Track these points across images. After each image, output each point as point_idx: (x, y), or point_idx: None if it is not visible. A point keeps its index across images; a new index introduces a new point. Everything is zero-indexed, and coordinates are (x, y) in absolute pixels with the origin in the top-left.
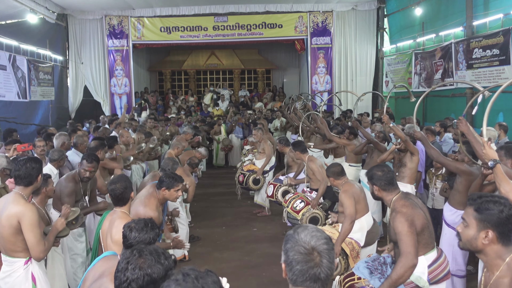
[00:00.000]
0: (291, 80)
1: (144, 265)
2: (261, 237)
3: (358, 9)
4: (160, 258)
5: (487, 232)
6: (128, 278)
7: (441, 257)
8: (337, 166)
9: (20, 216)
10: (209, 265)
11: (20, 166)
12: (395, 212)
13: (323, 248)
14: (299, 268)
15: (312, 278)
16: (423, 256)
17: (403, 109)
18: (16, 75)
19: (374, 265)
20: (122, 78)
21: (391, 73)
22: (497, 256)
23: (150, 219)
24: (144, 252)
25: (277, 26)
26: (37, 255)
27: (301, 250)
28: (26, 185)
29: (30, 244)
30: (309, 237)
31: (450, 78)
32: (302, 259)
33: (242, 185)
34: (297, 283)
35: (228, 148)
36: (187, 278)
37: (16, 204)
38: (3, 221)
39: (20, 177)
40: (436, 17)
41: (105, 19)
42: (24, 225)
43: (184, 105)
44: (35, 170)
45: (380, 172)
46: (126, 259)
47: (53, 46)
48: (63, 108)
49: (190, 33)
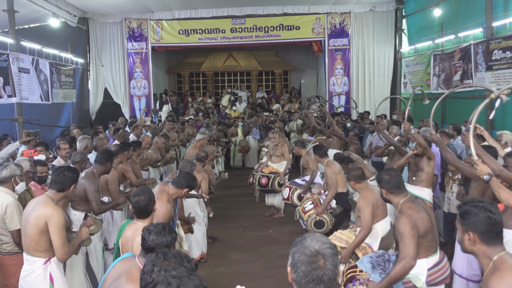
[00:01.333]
0: (309, 82)
1: (169, 268)
2: (277, 239)
3: (376, 10)
4: (183, 261)
5: (469, 234)
6: (154, 279)
7: (442, 261)
8: (358, 169)
9: (48, 217)
10: (225, 266)
11: (59, 172)
12: (400, 213)
13: (327, 252)
14: (303, 269)
15: (315, 280)
16: (424, 258)
17: (421, 111)
18: (39, 78)
19: (378, 261)
20: (141, 80)
21: (410, 75)
22: (485, 255)
23: (168, 224)
24: (168, 256)
25: (294, 28)
26: (61, 256)
27: (306, 252)
28: (59, 191)
29: (56, 246)
30: (314, 241)
31: (469, 80)
32: (307, 261)
33: (265, 188)
34: (301, 285)
35: (245, 150)
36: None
37: (46, 206)
38: (31, 220)
39: (55, 182)
40: (455, 18)
41: (124, 22)
42: (52, 227)
43: (202, 106)
44: (70, 179)
45: (388, 176)
46: (151, 261)
47: (75, 49)
48: (84, 110)
49: (208, 35)
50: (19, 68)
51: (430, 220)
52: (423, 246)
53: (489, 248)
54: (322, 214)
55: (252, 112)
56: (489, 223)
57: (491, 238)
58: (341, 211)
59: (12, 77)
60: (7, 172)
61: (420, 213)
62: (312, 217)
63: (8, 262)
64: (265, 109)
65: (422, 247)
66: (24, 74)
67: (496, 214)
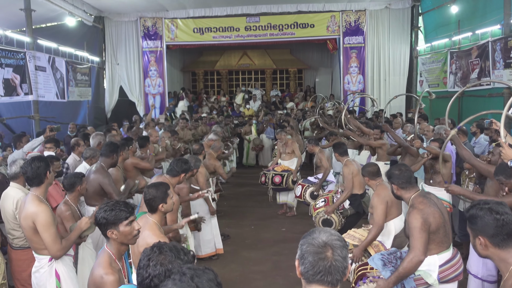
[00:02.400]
0: (323, 80)
1: (164, 261)
2: (290, 237)
3: (392, 7)
4: (179, 254)
5: (479, 239)
6: (150, 274)
7: (455, 258)
8: (373, 166)
9: (34, 217)
10: (237, 263)
11: (26, 167)
12: (411, 208)
13: (335, 243)
14: (310, 260)
15: (322, 271)
16: (436, 255)
17: (437, 109)
18: (55, 76)
19: (389, 258)
20: (156, 78)
21: (426, 73)
22: (500, 259)
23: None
24: (164, 249)
25: (309, 26)
26: (54, 254)
27: (314, 243)
28: (38, 185)
29: (46, 244)
30: (322, 233)
31: (487, 77)
32: (314, 251)
33: (279, 186)
34: (309, 277)
35: (258, 148)
36: (183, 277)
37: (30, 205)
38: (22, 223)
39: (29, 179)
40: (473, 15)
41: (139, 21)
42: (39, 226)
43: (216, 105)
44: (41, 168)
45: (398, 171)
46: (147, 256)
47: (90, 48)
48: (100, 108)
49: (223, 33)
50: (36, 66)
51: (442, 215)
52: (434, 242)
53: (503, 251)
54: (331, 213)
55: (267, 111)
56: (497, 225)
57: (502, 240)
58: (353, 214)
59: (29, 75)
60: (16, 167)
61: (432, 208)
62: (320, 214)
63: (20, 257)
64: (278, 108)
65: (433, 243)
66: (40, 72)
67: (504, 215)
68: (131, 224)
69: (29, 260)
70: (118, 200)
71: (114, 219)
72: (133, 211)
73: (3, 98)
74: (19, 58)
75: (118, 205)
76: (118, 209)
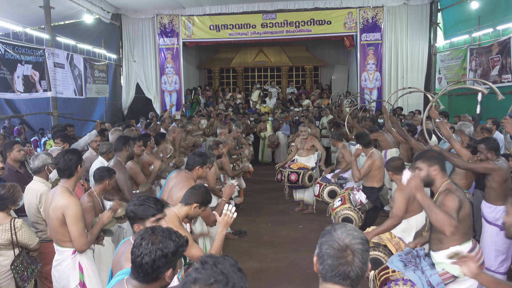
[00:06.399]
0: (339, 77)
1: (156, 241)
2: (307, 234)
3: (410, 3)
4: (171, 235)
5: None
6: (142, 252)
7: (475, 249)
8: (397, 160)
9: (64, 209)
10: (254, 260)
11: (59, 159)
12: (448, 191)
13: (357, 248)
14: (330, 263)
15: (342, 275)
16: (458, 245)
17: (457, 107)
18: (73, 73)
19: (407, 258)
20: (172, 75)
21: (445, 70)
22: None
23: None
24: (157, 230)
25: (325, 22)
26: (79, 248)
27: (334, 246)
28: (68, 177)
29: (73, 237)
30: (345, 234)
31: (508, 74)
32: (334, 254)
33: (295, 184)
34: (326, 277)
35: (274, 145)
36: (205, 265)
37: (61, 197)
38: (51, 213)
39: (60, 170)
40: (494, 11)
41: (156, 18)
42: (68, 219)
43: (232, 102)
44: (73, 161)
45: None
46: (140, 236)
47: (108, 45)
48: (117, 105)
49: (239, 30)
50: (55, 63)
51: (469, 206)
52: (460, 232)
53: None
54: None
55: (283, 108)
56: None
57: None
58: (371, 208)
59: (47, 72)
60: (39, 161)
61: (465, 199)
62: (339, 214)
63: (44, 250)
64: (294, 105)
65: (459, 233)
66: (59, 69)
67: None
68: (158, 222)
69: (52, 253)
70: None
71: (142, 214)
72: (162, 209)
73: (22, 95)
74: (38, 55)
75: (148, 201)
76: (147, 205)
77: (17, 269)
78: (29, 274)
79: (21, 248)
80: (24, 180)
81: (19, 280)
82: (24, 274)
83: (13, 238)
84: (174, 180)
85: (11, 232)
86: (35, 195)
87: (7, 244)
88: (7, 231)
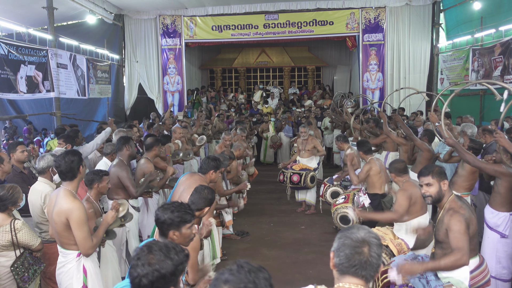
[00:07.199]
0: (342, 78)
1: (153, 261)
2: (309, 235)
3: (413, 4)
4: (170, 253)
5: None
6: (139, 274)
7: (482, 265)
8: (400, 162)
9: (68, 213)
10: (257, 260)
11: (60, 161)
12: (452, 211)
13: (372, 241)
14: (347, 252)
15: (358, 264)
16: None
17: (459, 107)
18: (76, 74)
19: None
20: (175, 76)
21: (447, 70)
22: None
23: None
24: (153, 248)
25: (328, 23)
26: (85, 251)
27: (352, 237)
28: (71, 179)
29: (78, 242)
30: (361, 230)
31: (510, 75)
32: (351, 245)
33: (297, 185)
34: (343, 269)
35: (276, 145)
36: (240, 269)
37: (65, 201)
38: (55, 217)
39: (63, 173)
40: (496, 11)
41: (159, 19)
42: (72, 223)
43: (234, 102)
44: (75, 162)
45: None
46: (136, 255)
47: (110, 46)
48: (119, 105)
49: (241, 31)
50: (58, 63)
51: (476, 222)
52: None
53: None
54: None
55: (286, 109)
56: None
57: None
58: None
59: (50, 72)
60: (44, 162)
61: (471, 215)
62: (338, 210)
63: (48, 251)
64: (296, 106)
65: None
66: (62, 69)
67: None
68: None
69: (56, 254)
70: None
71: (179, 221)
72: (194, 215)
73: (25, 95)
74: (42, 55)
75: (184, 207)
76: (184, 211)
77: (17, 270)
78: (31, 275)
79: (24, 249)
80: (28, 180)
81: (19, 281)
82: (24, 275)
83: (14, 239)
84: (186, 183)
85: (11, 233)
86: (39, 195)
87: (8, 246)
88: (7, 232)
